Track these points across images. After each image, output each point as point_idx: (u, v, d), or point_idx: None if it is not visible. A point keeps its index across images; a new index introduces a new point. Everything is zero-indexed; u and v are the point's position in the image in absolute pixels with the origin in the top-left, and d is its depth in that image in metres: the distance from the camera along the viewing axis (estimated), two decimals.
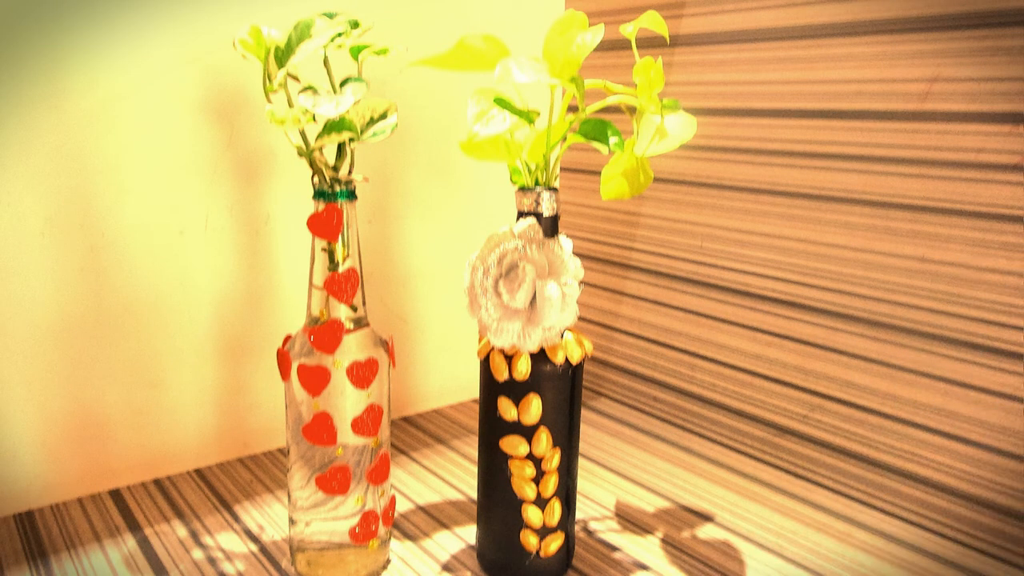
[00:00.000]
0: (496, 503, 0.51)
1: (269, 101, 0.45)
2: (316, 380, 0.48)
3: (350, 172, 0.48)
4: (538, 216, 0.47)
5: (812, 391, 0.66)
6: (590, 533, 0.58)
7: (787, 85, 0.65)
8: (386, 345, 0.51)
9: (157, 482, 0.64)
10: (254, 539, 0.56)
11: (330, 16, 0.47)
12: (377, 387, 0.50)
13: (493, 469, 0.50)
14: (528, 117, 0.47)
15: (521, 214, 0.48)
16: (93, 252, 0.58)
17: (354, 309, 0.49)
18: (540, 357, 0.48)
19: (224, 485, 0.64)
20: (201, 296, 0.64)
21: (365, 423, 0.49)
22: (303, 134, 0.47)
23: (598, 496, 0.63)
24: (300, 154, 0.47)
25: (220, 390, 0.66)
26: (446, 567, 0.53)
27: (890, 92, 0.58)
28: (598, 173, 0.63)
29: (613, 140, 0.48)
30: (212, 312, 0.65)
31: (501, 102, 0.46)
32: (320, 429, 0.48)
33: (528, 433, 0.49)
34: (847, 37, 0.60)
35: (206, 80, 0.61)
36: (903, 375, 0.61)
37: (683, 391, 0.77)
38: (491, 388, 0.49)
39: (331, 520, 0.50)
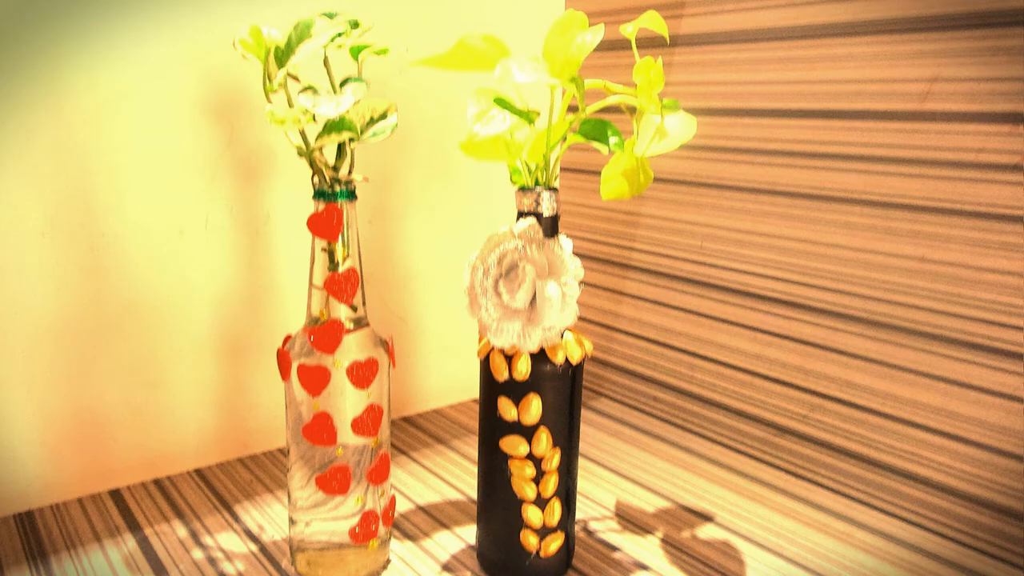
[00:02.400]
0: (496, 503, 0.51)
1: (269, 101, 0.45)
2: (316, 380, 0.48)
3: (350, 172, 0.48)
4: (538, 216, 0.47)
5: (812, 391, 0.66)
6: (590, 533, 0.58)
7: (787, 85, 0.65)
8: (386, 345, 0.51)
9: (157, 482, 0.64)
10: (254, 539, 0.56)
11: (330, 16, 0.47)
12: (377, 387, 0.50)
13: (493, 469, 0.50)
14: (528, 117, 0.47)
15: (521, 214, 0.48)
16: (93, 252, 0.58)
17: (354, 309, 0.49)
18: (540, 357, 0.48)
19: (224, 485, 0.64)
20: (201, 296, 0.64)
21: (365, 423, 0.49)
22: (303, 134, 0.47)
23: (598, 496, 0.63)
24: (300, 154, 0.47)
25: (220, 390, 0.66)
26: (446, 567, 0.53)
27: (890, 92, 0.58)
28: (598, 173, 0.63)
29: (613, 140, 0.48)
30: (212, 312, 0.65)
31: (501, 102, 0.46)
32: (320, 429, 0.48)
33: (528, 433, 0.49)
34: (847, 37, 0.60)
35: (206, 80, 0.61)
36: (903, 375, 0.60)
37: (683, 391, 0.77)
38: (491, 388, 0.49)
39: (331, 520, 0.50)
